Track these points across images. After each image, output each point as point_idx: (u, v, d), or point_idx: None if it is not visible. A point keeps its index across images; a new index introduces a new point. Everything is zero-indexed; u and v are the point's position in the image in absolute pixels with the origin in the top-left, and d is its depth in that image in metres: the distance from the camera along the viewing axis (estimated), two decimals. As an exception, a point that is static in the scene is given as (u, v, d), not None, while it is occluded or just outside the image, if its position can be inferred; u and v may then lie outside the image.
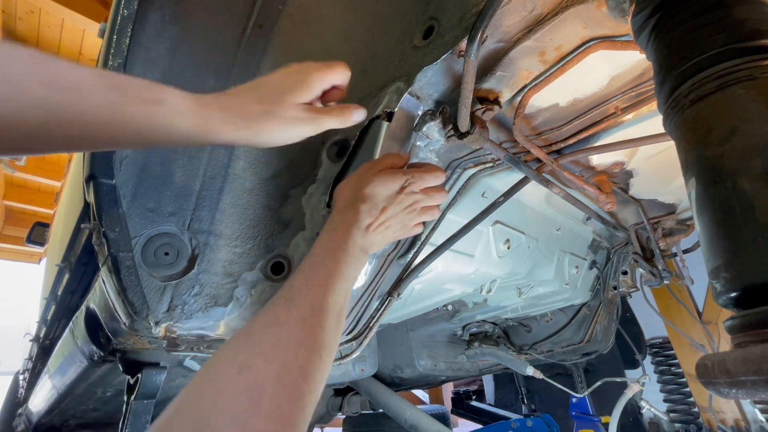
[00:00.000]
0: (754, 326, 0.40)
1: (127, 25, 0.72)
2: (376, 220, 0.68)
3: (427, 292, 1.47)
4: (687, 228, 1.51)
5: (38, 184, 5.54)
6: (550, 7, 0.66)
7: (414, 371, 2.11)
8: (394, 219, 0.71)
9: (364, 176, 0.71)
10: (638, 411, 2.91)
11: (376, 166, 0.72)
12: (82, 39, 3.89)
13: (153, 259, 0.80)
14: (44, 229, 3.31)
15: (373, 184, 0.69)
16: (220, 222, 0.86)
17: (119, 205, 0.77)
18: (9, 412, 3.01)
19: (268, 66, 0.85)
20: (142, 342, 0.84)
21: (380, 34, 0.81)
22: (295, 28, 0.84)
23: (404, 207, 0.71)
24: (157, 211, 0.81)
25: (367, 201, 0.68)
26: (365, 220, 0.67)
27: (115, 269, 0.76)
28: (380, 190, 0.69)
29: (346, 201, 0.70)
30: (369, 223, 0.67)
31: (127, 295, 0.76)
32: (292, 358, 0.50)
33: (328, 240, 0.65)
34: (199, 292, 0.84)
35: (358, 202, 0.68)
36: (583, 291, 1.86)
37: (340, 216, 0.69)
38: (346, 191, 0.72)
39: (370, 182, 0.69)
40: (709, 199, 0.47)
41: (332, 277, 0.60)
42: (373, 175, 0.70)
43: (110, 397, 1.61)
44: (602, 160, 1.14)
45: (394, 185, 0.70)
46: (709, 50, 0.48)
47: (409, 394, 4.73)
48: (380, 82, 0.80)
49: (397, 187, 0.70)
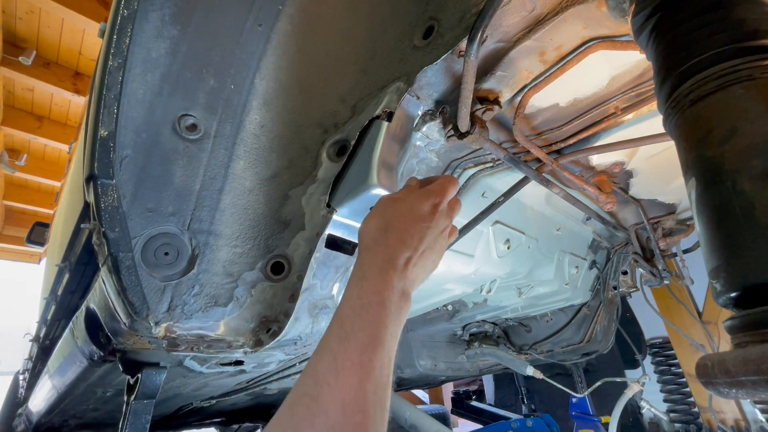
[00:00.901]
0: (754, 326, 0.41)
1: (127, 25, 0.72)
2: (415, 252, 0.57)
3: (427, 292, 1.47)
4: (687, 228, 1.51)
5: (38, 184, 5.54)
6: (550, 7, 0.66)
7: (414, 371, 2.11)
8: (432, 245, 0.60)
9: (389, 204, 0.62)
10: (638, 411, 2.91)
11: (401, 194, 0.64)
12: (82, 39, 3.88)
13: (153, 259, 0.80)
14: (44, 229, 3.31)
15: (403, 209, 0.60)
16: (220, 222, 0.86)
17: (119, 205, 0.77)
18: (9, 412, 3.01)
19: (268, 66, 0.85)
20: (142, 342, 0.84)
21: (380, 34, 0.81)
22: (295, 28, 0.84)
23: (441, 229, 0.62)
24: (157, 211, 0.81)
25: (400, 230, 0.57)
26: (402, 255, 0.56)
27: (115, 269, 0.76)
28: (413, 214, 0.59)
29: (372, 236, 0.59)
30: (407, 258, 0.56)
31: (127, 295, 0.76)
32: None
33: (359, 295, 0.52)
34: (199, 292, 0.84)
35: (389, 234, 0.57)
36: (583, 291, 1.86)
37: (369, 257, 0.57)
38: (372, 224, 0.61)
39: (398, 207, 0.60)
40: (709, 199, 0.47)
41: (371, 350, 0.46)
42: (398, 200, 0.61)
43: (110, 397, 1.61)
44: (602, 160, 1.14)
45: (425, 205, 0.61)
46: (709, 50, 0.48)
47: (409, 394, 4.73)
48: (380, 82, 0.80)
49: (429, 206, 0.61)
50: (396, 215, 0.59)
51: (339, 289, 0.87)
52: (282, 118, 0.87)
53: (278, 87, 0.87)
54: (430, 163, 0.92)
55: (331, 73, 0.86)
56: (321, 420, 0.39)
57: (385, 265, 0.54)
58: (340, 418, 0.39)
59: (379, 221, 0.60)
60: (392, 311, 0.51)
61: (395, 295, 0.52)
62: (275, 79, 0.86)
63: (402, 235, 0.57)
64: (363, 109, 0.81)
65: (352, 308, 0.51)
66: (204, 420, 2.65)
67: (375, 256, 0.56)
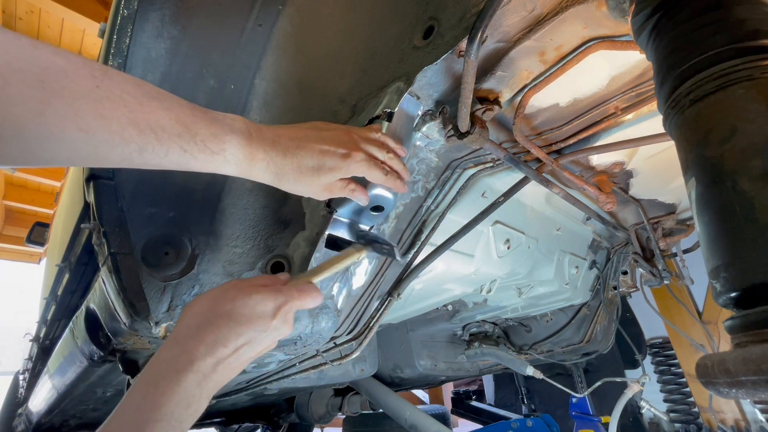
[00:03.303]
0: (754, 326, 0.41)
1: (127, 25, 0.72)
2: (233, 353, 0.52)
3: (427, 292, 1.47)
4: (687, 228, 1.51)
5: (38, 184, 5.55)
6: (550, 7, 0.66)
7: (414, 371, 2.11)
8: (252, 346, 0.54)
9: (229, 290, 0.56)
10: (638, 411, 2.91)
11: (245, 283, 0.58)
12: (82, 39, 3.89)
13: (153, 259, 0.80)
14: (44, 229, 3.31)
15: (239, 301, 0.54)
16: (220, 222, 0.86)
17: (119, 205, 0.77)
18: (9, 412, 3.01)
19: (268, 66, 0.85)
20: (142, 342, 0.84)
21: (380, 34, 0.81)
22: (295, 28, 0.84)
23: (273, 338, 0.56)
24: (157, 211, 0.81)
25: (225, 326, 0.51)
26: (213, 356, 0.50)
27: (115, 269, 0.76)
28: (248, 311, 0.53)
29: (191, 322, 0.53)
30: (218, 360, 0.50)
31: (127, 295, 0.76)
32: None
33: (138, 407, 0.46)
34: (199, 292, 0.84)
35: (209, 328, 0.51)
36: (583, 291, 1.86)
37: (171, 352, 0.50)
38: (199, 307, 0.55)
39: (234, 298, 0.54)
40: (709, 199, 0.47)
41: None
42: (240, 291, 0.55)
43: (110, 397, 1.61)
44: (602, 160, 1.14)
45: (266, 305, 0.55)
46: (709, 50, 0.48)
47: (409, 394, 4.73)
48: (380, 82, 0.80)
49: (272, 308, 0.55)
50: (230, 308, 0.53)
51: (339, 289, 0.87)
52: (282, 118, 0.87)
53: (278, 87, 0.87)
54: (430, 163, 0.92)
55: (331, 73, 0.86)
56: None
57: (184, 368, 0.48)
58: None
59: (206, 308, 0.54)
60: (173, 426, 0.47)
61: (181, 408, 0.47)
62: (275, 79, 0.86)
63: (224, 334, 0.51)
64: (363, 109, 0.81)
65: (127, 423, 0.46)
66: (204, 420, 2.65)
67: (179, 353, 0.50)
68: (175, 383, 0.47)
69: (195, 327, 0.52)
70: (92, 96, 0.41)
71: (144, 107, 0.45)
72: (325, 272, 0.68)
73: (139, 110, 0.45)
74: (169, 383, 0.47)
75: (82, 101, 0.41)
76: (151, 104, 0.46)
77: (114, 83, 0.43)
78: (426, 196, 0.96)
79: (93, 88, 0.41)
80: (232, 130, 0.54)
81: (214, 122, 0.52)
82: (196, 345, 0.50)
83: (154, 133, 0.46)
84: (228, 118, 0.55)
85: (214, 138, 0.51)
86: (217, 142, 0.52)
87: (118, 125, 0.43)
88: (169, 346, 0.52)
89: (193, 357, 0.49)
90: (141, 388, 0.48)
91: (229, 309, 0.53)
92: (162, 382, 0.48)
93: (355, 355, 1.01)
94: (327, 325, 0.91)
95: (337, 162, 0.61)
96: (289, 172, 0.59)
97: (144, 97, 0.45)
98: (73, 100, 0.40)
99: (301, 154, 0.60)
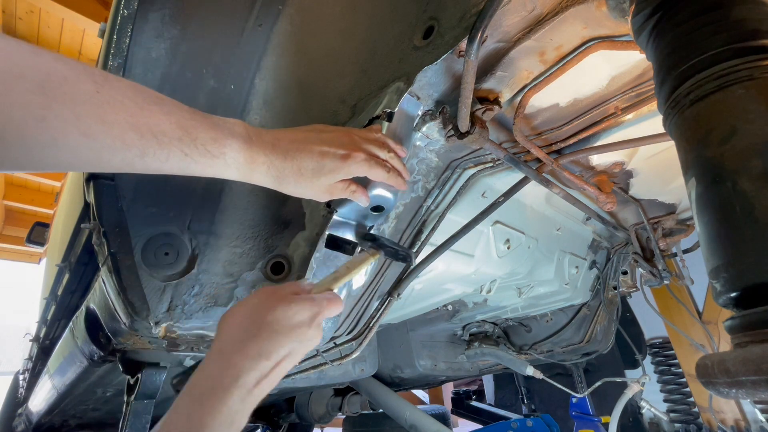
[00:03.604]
0: (754, 326, 0.41)
1: (127, 25, 0.72)
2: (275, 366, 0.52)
3: (427, 292, 1.47)
4: (687, 228, 1.51)
5: (38, 184, 5.55)
6: (550, 7, 0.66)
7: (414, 371, 2.11)
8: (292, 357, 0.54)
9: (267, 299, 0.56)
10: (638, 411, 2.91)
11: (281, 291, 0.58)
12: (82, 39, 3.89)
13: (153, 259, 0.80)
14: (44, 229, 3.31)
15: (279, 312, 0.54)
16: (220, 222, 0.86)
17: (119, 205, 0.77)
18: (9, 412, 3.01)
19: (268, 66, 0.85)
20: (142, 342, 0.84)
21: (380, 34, 0.81)
22: (295, 28, 0.84)
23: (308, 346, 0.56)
24: (157, 211, 0.81)
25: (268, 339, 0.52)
26: (257, 370, 0.50)
27: (115, 269, 0.76)
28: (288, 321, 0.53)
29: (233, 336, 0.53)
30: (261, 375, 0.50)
31: (127, 295, 0.76)
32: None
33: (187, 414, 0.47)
34: (199, 292, 0.84)
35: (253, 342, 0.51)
36: (583, 291, 1.86)
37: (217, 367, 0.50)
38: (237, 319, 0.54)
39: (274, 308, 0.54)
40: (709, 199, 0.47)
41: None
42: (280, 301, 0.55)
43: (110, 397, 1.61)
44: (602, 160, 1.14)
45: (304, 315, 0.55)
46: (709, 50, 0.48)
47: (409, 394, 4.73)
48: (380, 82, 0.80)
49: (308, 317, 0.55)
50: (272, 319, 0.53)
51: (339, 289, 0.87)
52: (282, 118, 0.87)
53: (278, 87, 0.87)
54: (430, 163, 0.92)
55: (331, 73, 0.86)
56: None
57: (230, 385, 0.48)
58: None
59: (247, 319, 0.54)
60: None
61: (224, 427, 0.47)
62: (275, 79, 0.86)
63: (267, 347, 0.51)
64: (363, 109, 0.81)
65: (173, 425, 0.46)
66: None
67: (224, 368, 0.50)
68: (221, 402, 0.48)
69: (239, 340, 0.52)
70: (93, 101, 0.42)
71: (144, 111, 0.45)
72: (344, 278, 0.68)
73: (139, 115, 0.45)
74: (215, 401, 0.47)
75: (83, 106, 0.41)
76: (152, 109, 0.46)
77: (114, 88, 0.44)
78: (426, 196, 0.96)
79: (94, 93, 0.42)
80: (232, 134, 0.54)
81: (215, 126, 0.52)
82: (241, 359, 0.50)
83: (155, 138, 0.46)
84: (228, 123, 0.55)
85: (215, 142, 0.52)
86: (217, 146, 0.52)
87: (119, 130, 0.43)
88: (213, 358, 0.51)
89: (239, 373, 0.49)
90: (187, 405, 0.48)
91: (270, 320, 0.53)
92: (207, 400, 0.48)
93: (355, 355, 1.02)
94: (327, 325, 0.91)
95: (337, 163, 0.62)
96: (289, 175, 0.60)
97: (144, 102, 0.46)
98: (75, 106, 0.40)
99: (301, 157, 0.60)
